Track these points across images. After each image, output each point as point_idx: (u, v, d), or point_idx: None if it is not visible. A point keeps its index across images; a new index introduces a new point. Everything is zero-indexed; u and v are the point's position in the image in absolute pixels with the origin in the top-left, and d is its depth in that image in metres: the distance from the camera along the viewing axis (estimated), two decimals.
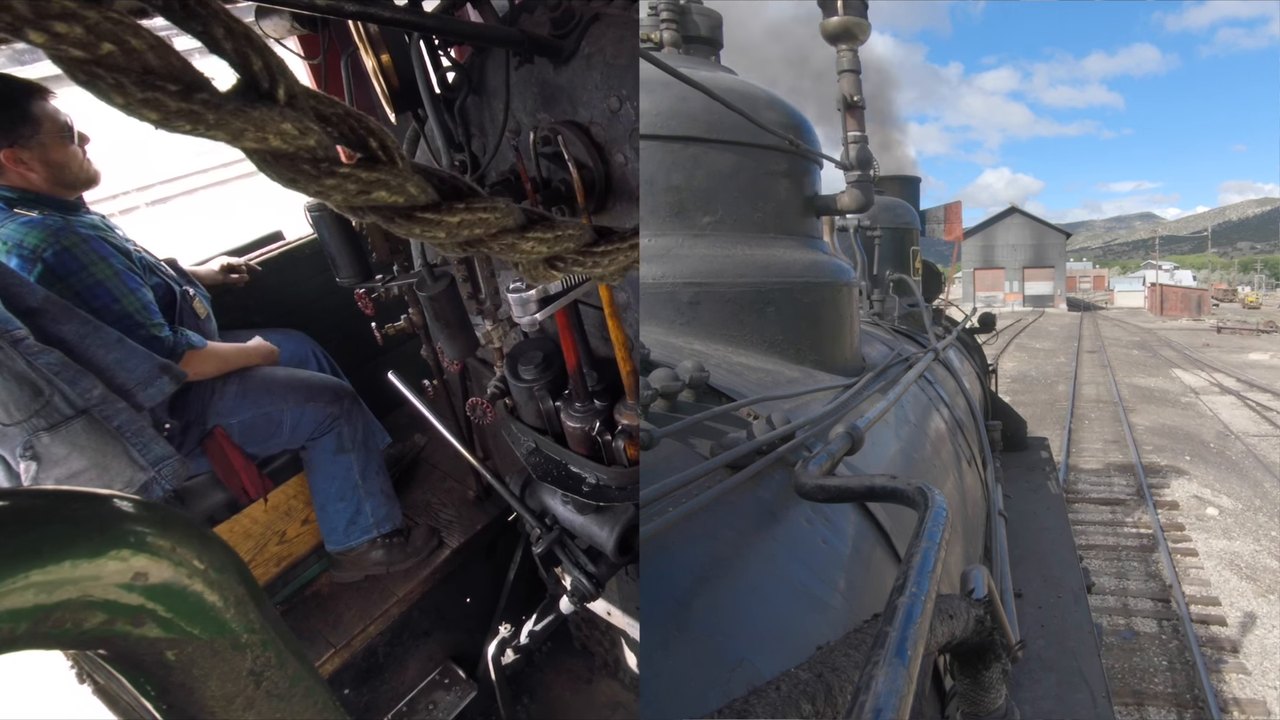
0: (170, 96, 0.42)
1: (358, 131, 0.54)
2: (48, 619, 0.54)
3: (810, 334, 2.80)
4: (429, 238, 0.60)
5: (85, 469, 2.17)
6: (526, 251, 0.67)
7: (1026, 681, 2.83)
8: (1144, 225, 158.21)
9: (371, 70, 2.02)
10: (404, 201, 0.57)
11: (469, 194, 0.61)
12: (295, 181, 0.51)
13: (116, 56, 0.40)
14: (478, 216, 0.61)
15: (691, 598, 1.07)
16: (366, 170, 0.54)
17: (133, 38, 0.40)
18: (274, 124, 0.47)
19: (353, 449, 3.04)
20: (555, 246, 0.68)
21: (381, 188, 0.55)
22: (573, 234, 0.69)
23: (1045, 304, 43.36)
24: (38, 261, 2.30)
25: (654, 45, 3.15)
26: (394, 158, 0.56)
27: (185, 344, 2.56)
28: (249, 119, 0.46)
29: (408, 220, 0.58)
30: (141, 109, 0.42)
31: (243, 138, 0.46)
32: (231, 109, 0.45)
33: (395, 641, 3.22)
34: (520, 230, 0.65)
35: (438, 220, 0.59)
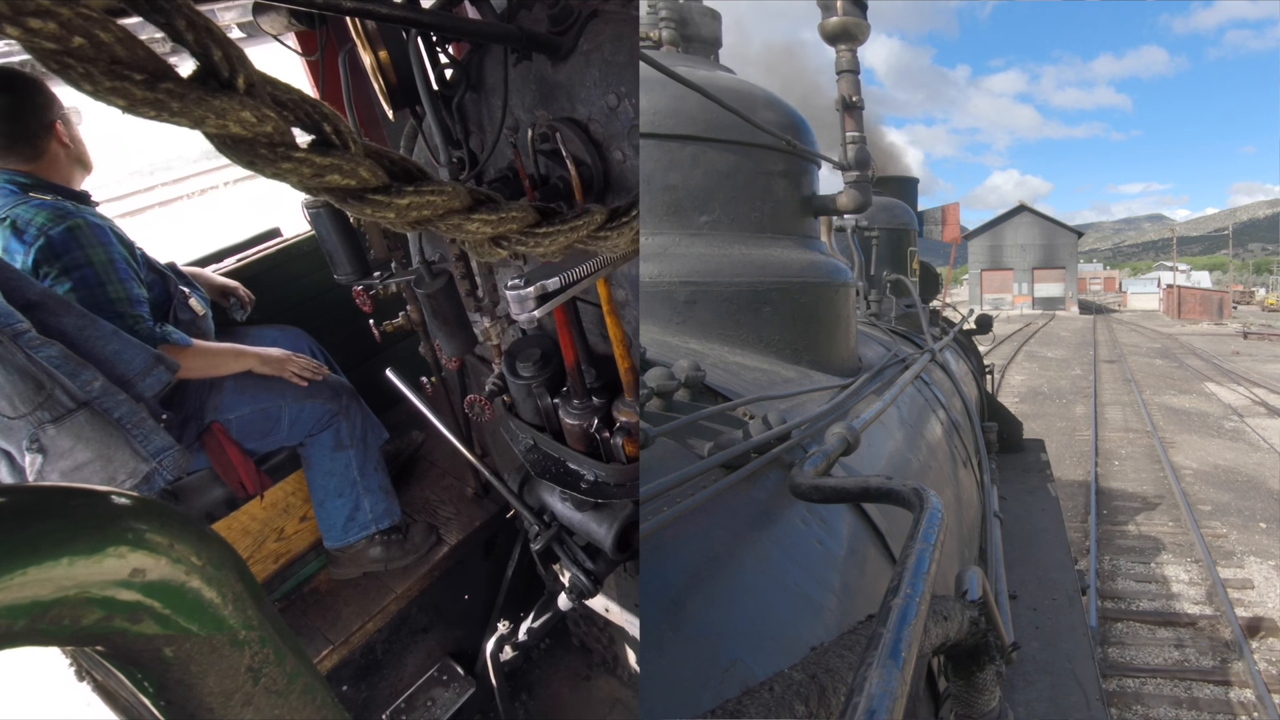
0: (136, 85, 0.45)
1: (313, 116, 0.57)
2: (45, 615, 0.54)
3: (807, 334, 2.81)
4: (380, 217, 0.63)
5: (90, 460, 2.19)
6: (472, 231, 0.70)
7: (1020, 683, 2.84)
8: (1153, 227, 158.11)
9: (369, 67, 2.02)
10: (356, 184, 0.60)
11: (419, 177, 0.65)
12: (253, 164, 0.54)
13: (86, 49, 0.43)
14: (425, 199, 0.64)
15: (686, 597, 1.07)
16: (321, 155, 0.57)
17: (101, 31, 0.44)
18: (234, 112, 0.50)
19: (351, 445, 3.04)
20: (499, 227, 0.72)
21: (335, 171, 0.58)
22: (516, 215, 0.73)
23: (1056, 306, 41.78)
24: (42, 236, 2.36)
25: (653, 44, 3.15)
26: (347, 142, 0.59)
27: (162, 337, 2.55)
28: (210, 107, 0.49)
29: (359, 201, 0.61)
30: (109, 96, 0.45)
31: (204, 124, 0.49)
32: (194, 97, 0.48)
33: (393, 638, 3.23)
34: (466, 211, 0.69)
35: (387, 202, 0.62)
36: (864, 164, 3.09)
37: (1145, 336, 29.98)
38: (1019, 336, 28.11)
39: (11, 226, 2.37)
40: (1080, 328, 32.86)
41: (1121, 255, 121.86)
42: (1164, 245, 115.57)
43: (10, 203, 2.41)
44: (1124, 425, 14.00)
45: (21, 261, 2.36)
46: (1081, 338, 28.83)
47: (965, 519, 3.02)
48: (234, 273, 3.47)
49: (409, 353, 3.18)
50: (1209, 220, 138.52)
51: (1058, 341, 27.59)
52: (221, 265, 3.54)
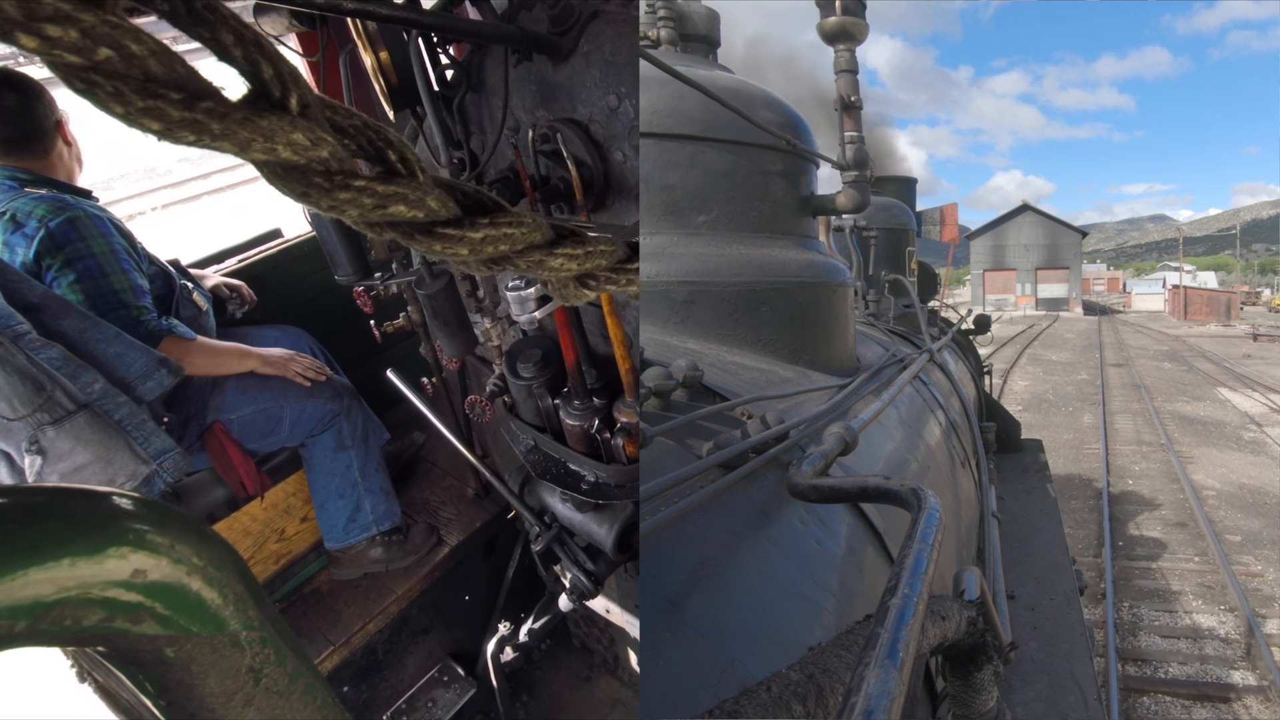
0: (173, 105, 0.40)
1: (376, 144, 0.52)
2: (46, 616, 0.54)
3: (805, 334, 2.81)
4: (451, 255, 0.56)
5: (90, 462, 2.19)
6: (555, 269, 0.62)
7: (1018, 683, 2.84)
8: (1156, 227, 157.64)
9: (370, 68, 2.03)
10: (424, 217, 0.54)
11: (493, 208, 0.58)
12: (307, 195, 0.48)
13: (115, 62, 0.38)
14: (503, 232, 0.58)
15: (684, 598, 1.08)
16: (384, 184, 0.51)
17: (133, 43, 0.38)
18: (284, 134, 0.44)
19: (352, 446, 3.05)
20: (586, 264, 0.64)
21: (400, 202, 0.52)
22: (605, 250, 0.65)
23: (1059, 307, 40.61)
24: (42, 228, 2.38)
25: (651, 43, 3.15)
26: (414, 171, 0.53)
27: (167, 329, 2.56)
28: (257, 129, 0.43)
29: (428, 236, 0.55)
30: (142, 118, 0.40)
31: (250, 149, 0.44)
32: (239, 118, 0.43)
33: (394, 639, 3.23)
34: (549, 246, 0.61)
35: (460, 236, 0.56)
36: (862, 164, 3.09)
37: (1152, 338, 28.82)
38: (1022, 339, 27.30)
39: (12, 220, 2.39)
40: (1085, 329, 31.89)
41: (1124, 256, 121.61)
42: (1167, 246, 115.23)
43: (9, 197, 2.43)
44: (1136, 437, 12.95)
45: (24, 254, 2.38)
46: (1087, 340, 27.85)
47: (963, 519, 3.03)
48: (235, 273, 3.48)
49: (410, 353, 3.19)
50: (1212, 221, 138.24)
51: (1062, 344, 26.62)
52: (223, 266, 3.55)
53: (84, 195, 2.64)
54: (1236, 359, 21.78)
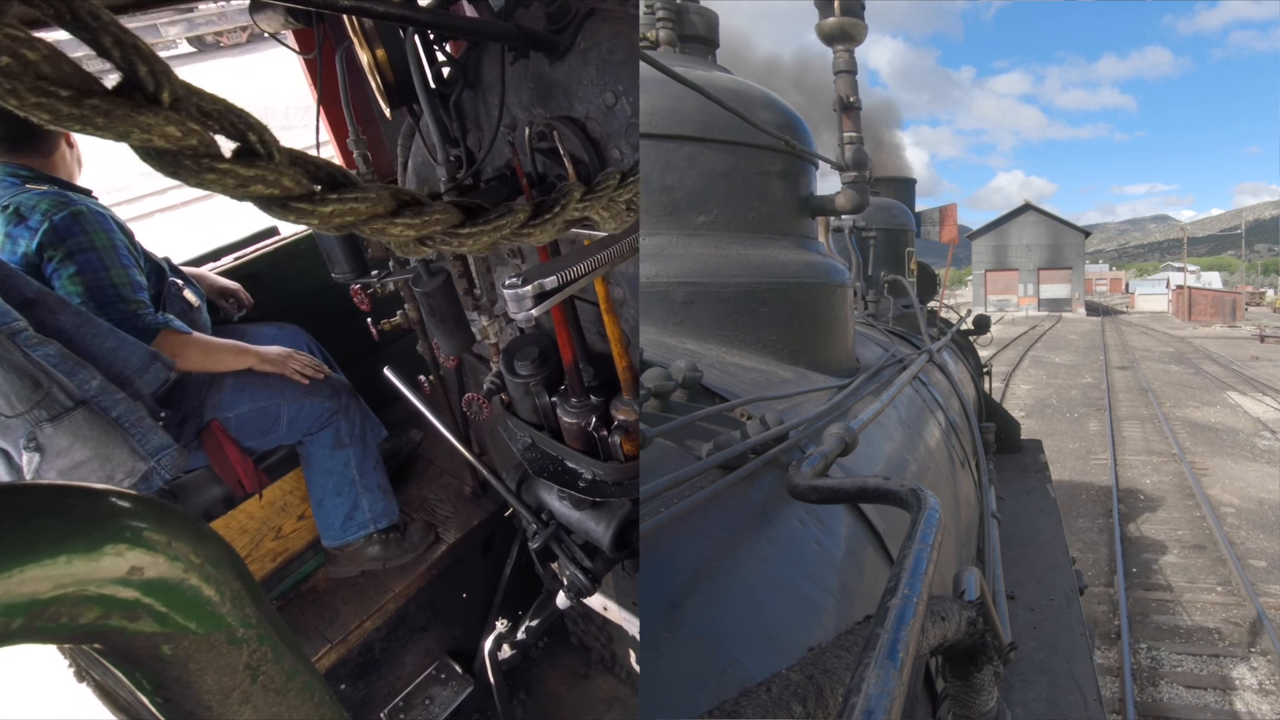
0: (62, 102, 0.48)
1: (239, 126, 0.59)
2: (43, 614, 0.54)
3: (804, 335, 2.81)
4: (303, 223, 0.65)
5: (88, 459, 2.19)
6: (395, 235, 0.72)
7: (1018, 684, 2.84)
8: (1158, 228, 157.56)
9: (366, 65, 2.02)
10: (280, 193, 0.62)
11: (344, 183, 0.67)
12: (177, 174, 0.55)
13: (12, 66, 0.45)
14: (349, 206, 0.66)
15: (684, 598, 1.07)
16: (245, 166, 0.59)
17: (28, 50, 0.46)
18: (158, 127, 0.52)
19: (350, 444, 3.04)
20: (423, 230, 0.74)
21: (259, 182, 0.60)
22: (440, 217, 0.75)
23: (1062, 308, 40.11)
24: (46, 221, 2.41)
25: (650, 44, 3.15)
26: (272, 152, 0.61)
27: (164, 323, 2.57)
28: (135, 122, 0.51)
29: (283, 209, 0.64)
30: (35, 111, 0.47)
31: (129, 138, 0.52)
32: (120, 113, 0.50)
33: (392, 637, 3.23)
34: (390, 215, 0.71)
35: (310, 210, 0.64)
36: (861, 164, 3.09)
37: (1157, 340, 28.02)
38: (1025, 340, 26.67)
39: (15, 213, 2.42)
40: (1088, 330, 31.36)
41: (1127, 256, 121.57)
42: (1169, 246, 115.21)
43: (12, 192, 2.46)
44: (1145, 447, 12.20)
45: (26, 245, 2.40)
46: (1090, 341, 27.23)
47: (963, 519, 3.03)
48: (232, 271, 3.47)
49: (407, 351, 3.18)
50: (1215, 221, 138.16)
51: (1065, 345, 26.01)
52: (219, 264, 3.54)
53: (85, 193, 2.65)
54: (1244, 361, 21.17)
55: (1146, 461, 11.41)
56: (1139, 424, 13.80)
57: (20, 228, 2.40)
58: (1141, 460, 11.48)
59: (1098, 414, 14.61)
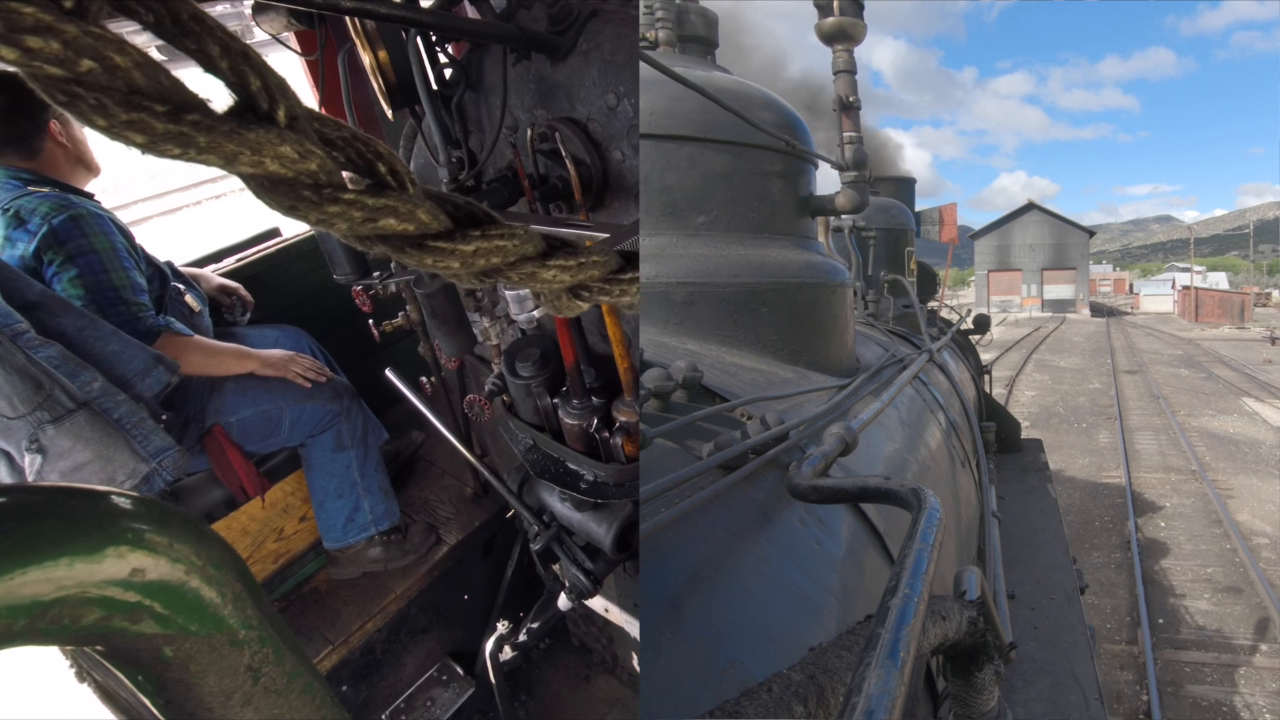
0: (158, 118, 0.39)
1: (365, 156, 0.51)
2: (45, 615, 0.54)
3: (805, 335, 2.81)
4: (442, 268, 0.56)
5: (90, 461, 2.19)
6: (548, 281, 0.62)
7: (1019, 683, 2.84)
8: (1161, 228, 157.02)
9: (369, 66, 2.02)
10: (415, 229, 0.53)
11: (485, 220, 0.58)
12: (295, 209, 0.48)
13: (98, 74, 0.37)
14: (494, 245, 0.57)
15: (684, 599, 1.07)
16: (373, 196, 0.50)
17: (116, 54, 0.38)
18: (271, 147, 0.44)
19: (351, 446, 3.04)
20: (579, 275, 0.64)
21: (390, 215, 0.51)
22: (598, 261, 0.65)
23: (1066, 309, 39.65)
24: (45, 224, 2.40)
25: (649, 44, 3.15)
26: (404, 183, 0.53)
27: (164, 325, 2.57)
28: (244, 141, 0.43)
29: (419, 250, 0.54)
30: (126, 131, 0.39)
31: (237, 161, 0.43)
32: (225, 131, 0.42)
33: (393, 638, 3.23)
34: (541, 258, 0.61)
35: (451, 249, 0.55)
36: (861, 164, 3.09)
37: (1164, 342, 27.08)
38: (1028, 342, 25.89)
39: (15, 216, 2.41)
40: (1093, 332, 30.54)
41: (1130, 257, 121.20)
42: (1173, 247, 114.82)
43: (12, 195, 2.45)
44: (1162, 462, 11.13)
45: (24, 249, 2.39)
46: (1096, 343, 26.33)
47: (964, 519, 3.03)
48: (234, 272, 3.47)
49: (408, 352, 3.18)
50: (1218, 221, 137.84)
51: (1070, 348, 25.09)
52: (221, 265, 3.54)
53: (85, 196, 2.65)
54: (1257, 365, 20.28)
55: (1164, 480, 10.36)
56: (1153, 435, 12.86)
57: (19, 230, 2.40)
58: (1158, 479, 10.44)
59: (1108, 424, 13.80)
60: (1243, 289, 43.05)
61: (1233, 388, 16.96)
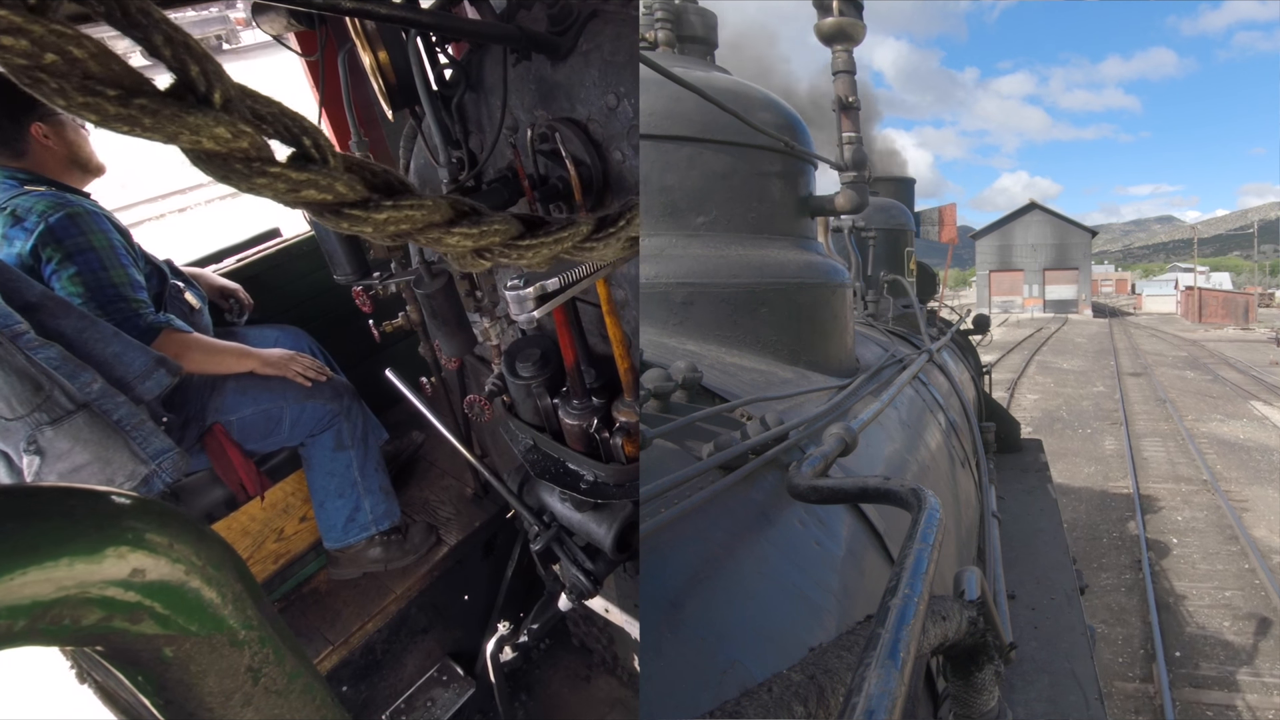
0: (109, 101, 0.46)
1: (292, 130, 0.58)
2: (45, 615, 0.54)
3: (804, 335, 2.81)
4: (357, 231, 0.64)
5: (88, 462, 2.19)
6: (452, 245, 0.70)
7: (1019, 683, 2.85)
8: (1163, 228, 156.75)
9: (369, 67, 2.02)
10: (333, 199, 0.60)
11: (399, 190, 0.65)
12: (228, 179, 0.54)
13: (59, 65, 0.44)
14: (404, 214, 0.64)
15: (684, 599, 1.07)
16: (297, 170, 0.57)
17: (75, 47, 0.44)
18: (208, 128, 0.50)
19: (352, 446, 3.04)
20: (481, 240, 0.71)
21: (311, 187, 0.58)
22: (499, 228, 0.72)
23: (1068, 309, 39.47)
24: (42, 223, 2.40)
25: (649, 45, 3.15)
26: (326, 157, 0.59)
27: (165, 322, 2.57)
28: (184, 124, 0.49)
29: (336, 215, 0.62)
30: (82, 111, 0.45)
31: (177, 139, 0.50)
32: (168, 114, 0.48)
33: (393, 638, 3.23)
34: (447, 225, 0.69)
35: (365, 217, 0.62)
36: (860, 164, 3.09)
37: (1168, 343, 26.60)
38: (1030, 344, 25.44)
39: (11, 215, 2.42)
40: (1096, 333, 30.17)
41: (1131, 257, 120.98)
42: (1175, 247, 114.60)
43: (10, 194, 2.46)
44: (1171, 471, 10.66)
45: (21, 247, 2.40)
46: (1099, 345, 26.01)
47: (963, 519, 3.03)
48: (234, 272, 3.47)
49: (408, 353, 3.18)
50: (1220, 222, 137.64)
51: (1073, 349, 24.76)
52: (221, 265, 3.55)
53: (82, 195, 2.65)
54: (1264, 367, 19.83)
55: (1174, 491, 9.82)
56: (1160, 442, 12.41)
57: (16, 229, 2.41)
58: (1168, 490, 9.92)
59: (1113, 429, 13.37)
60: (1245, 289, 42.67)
61: (1240, 390, 16.59)
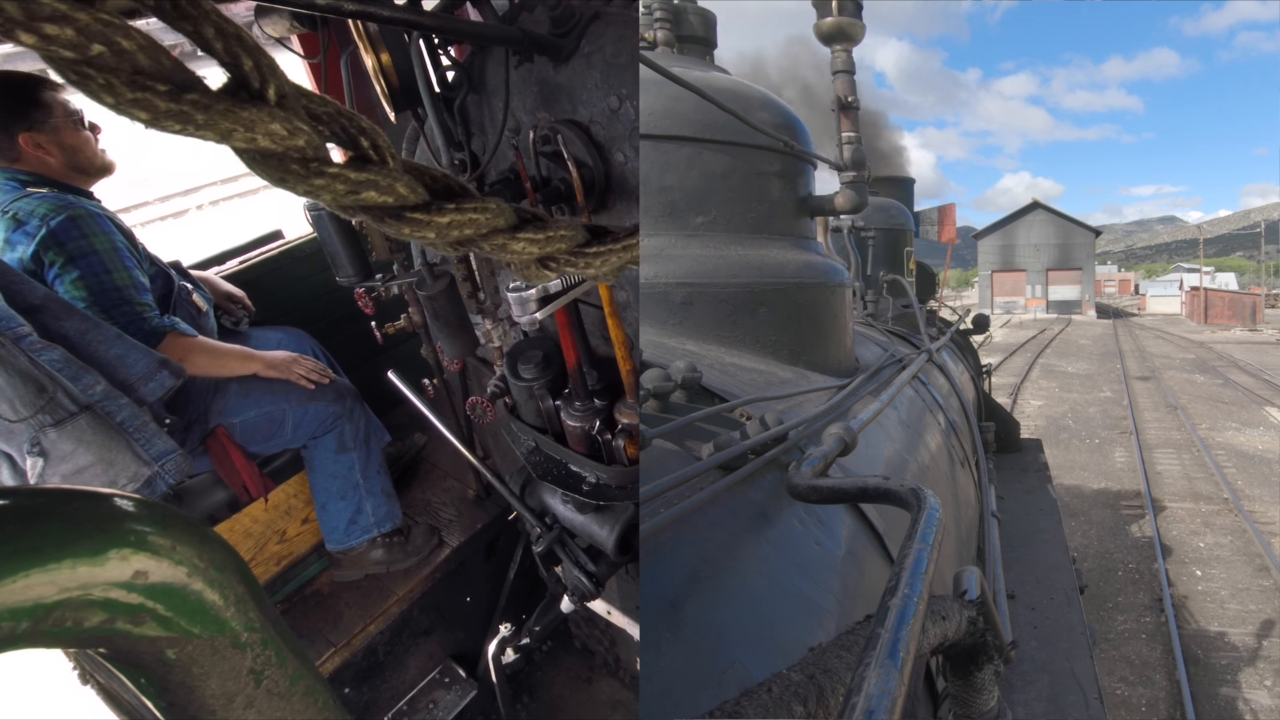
0: (160, 97, 0.43)
1: (349, 131, 0.55)
2: (48, 618, 0.55)
3: (804, 335, 2.81)
4: (419, 237, 0.60)
5: (91, 464, 2.19)
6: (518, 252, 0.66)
7: (1019, 683, 2.84)
8: (1166, 229, 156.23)
9: (371, 69, 2.03)
10: (394, 202, 0.57)
11: (461, 194, 0.62)
12: (284, 180, 0.51)
13: (107, 57, 0.41)
14: (468, 217, 0.61)
15: (684, 599, 1.08)
16: (356, 170, 0.54)
17: (123, 39, 0.41)
18: (263, 124, 0.47)
19: (354, 448, 3.05)
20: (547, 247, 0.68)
21: (371, 188, 0.55)
22: (565, 234, 0.69)
23: (1072, 310, 38.76)
24: (43, 226, 2.40)
25: (648, 44, 3.15)
26: (385, 158, 0.56)
27: (170, 325, 2.57)
28: (238, 119, 0.46)
29: (397, 220, 0.59)
30: (131, 109, 0.43)
31: (231, 137, 0.47)
32: (221, 110, 0.45)
33: (395, 640, 3.23)
34: (512, 231, 0.65)
35: (427, 220, 0.59)
36: (860, 164, 3.09)
37: (1175, 345, 25.71)
38: (1034, 345, 24.70)
39: (13, 219, 2.41)
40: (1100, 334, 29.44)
41: (1134, 257, 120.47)
42: (1178, 247, 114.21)
43: (11, 196, 2.45)
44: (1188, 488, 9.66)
45: (23, 251, 2.39)
46: (1104, 347, 25.20)
47: (963, 519, 3.03)
48: (236, 275, 3.48)
49: (411, 354, 3.19)
50: (1223, 222, 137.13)
51: (1078, 351, 24.02)
52: (224, 267, 3.55)
53: (85, 196, 2.65)
54: (1276, 370, 18.80)
55: (1194, 512, 8.82)
56: (1174, 454, 11.45)
57: (18, 233, 2.40)
58: (1187, 511, 8.93)
59: (1123, 438, 12.52)
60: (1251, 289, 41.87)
61: (1254, 396, 15.72)
